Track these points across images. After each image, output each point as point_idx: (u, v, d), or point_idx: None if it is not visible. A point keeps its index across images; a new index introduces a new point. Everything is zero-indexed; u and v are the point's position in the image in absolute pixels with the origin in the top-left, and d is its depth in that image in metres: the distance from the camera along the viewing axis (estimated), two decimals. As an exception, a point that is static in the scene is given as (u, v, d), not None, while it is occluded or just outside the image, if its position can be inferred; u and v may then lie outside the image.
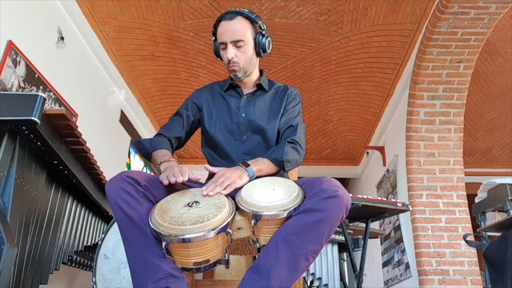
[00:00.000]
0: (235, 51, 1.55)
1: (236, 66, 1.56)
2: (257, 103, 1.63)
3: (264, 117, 1.59)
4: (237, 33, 1.54)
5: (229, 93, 1.68)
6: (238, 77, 1.60)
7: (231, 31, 1.55)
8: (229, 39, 1.54)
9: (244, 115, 1.60)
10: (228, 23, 1.56)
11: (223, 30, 1.56)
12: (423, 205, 3.89)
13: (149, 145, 1.54)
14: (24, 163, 1.38)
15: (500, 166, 5.98)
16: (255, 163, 1.40)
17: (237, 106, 1.62)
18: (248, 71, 1.61)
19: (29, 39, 2.88)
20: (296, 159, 1.49)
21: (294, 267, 1.15)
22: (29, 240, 1.47)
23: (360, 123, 5.60)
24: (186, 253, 1.15)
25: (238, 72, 1.58)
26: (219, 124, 1.60)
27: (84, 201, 2.02)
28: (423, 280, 3.67)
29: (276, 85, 1.71)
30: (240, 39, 1.54)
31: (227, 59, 1.56)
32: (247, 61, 1.58)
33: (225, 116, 1.61)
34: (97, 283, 1.79)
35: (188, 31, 4.23)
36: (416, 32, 3.89)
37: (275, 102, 1.64)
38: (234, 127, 1.59)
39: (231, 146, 1.57)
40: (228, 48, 1.55)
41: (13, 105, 1.26)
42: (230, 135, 1.58)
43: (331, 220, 1.18)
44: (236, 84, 1.67)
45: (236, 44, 1.54)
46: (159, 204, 1.21)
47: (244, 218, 1.23)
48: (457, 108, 4.02)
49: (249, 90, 1.67)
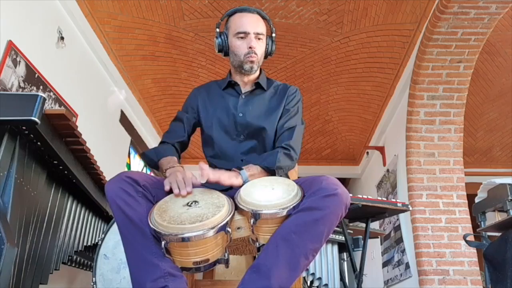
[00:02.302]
0: (256, 42, 1.56)
1: (255, 57, 1.56)
2: (255, 103, 1.60)
3: (262, 118, 1.57)
4: (260, 27, 1.57)
5: (227, 91, 1.65)
6: (254, 69, 1.58)
7: (255, 23, 1.57)
8: (253, 30, 1.55)
9: (241, 115, 1.57)
10: (250, 15, 1.58)
11: (245, 21, 1.57)
12: (423, 205, 3.89)
13: (154, 155, 1.54)
14: (24, 163, 1.38)
15: (500, 166, 5.98)
16: (248, 169, 1.40)
17: (235, 105, 1.60)
18: (259, 65, 1.62)
19: (29, 39, 2.89)
20: (288, 165, 1.49)
21: (294, 266, 1.16)
22: (29, 240, 1.47)
23: (360, 123, 5.60)
24: (186, 252, 1.15)
25: (256, 63, 1.57)
26: (216, 124, 1.58)
27: (84, 201, 2.02)
28: (423, 280, 3.67)
29: (275, 84, 1.69)
30: (262, 32, 1.57)
31: (247, 48, 1.54)
32: (261, 55, 1.60)
33: (222, 115, 1.59)
34: (97, 283, 1.79)
35: (188, 31, 4.23)
36: (416, 32, 3.89)
37: (274, 102, 1.62)
38: (231, 127, 1.57)
39: (229, 146, 1.56)
40: (250, 37, 1.54)
41: (13, 105, 1.26)
42: (227, 134, 1.57)
43: (331, 218, 1.18)
44: (235, 82, 1.64)
45: (258, 36, 1.56)
46: (158, 204, 1.21)
47: (243, 217, 1.23)
48: (457, 108, 4.02)
49: (248, 88, 1.64)
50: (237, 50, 1.57)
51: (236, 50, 1.57)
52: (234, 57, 1.59)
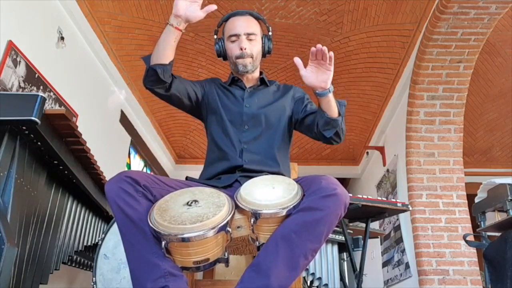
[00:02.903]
0: (248, 43, 1.59)
1: (248, 58, 1.60)
2: (260, 96, 1.65)
3: (268, 108, 1.61)
4: (250, 27, 1.61)
5: (232, 87, 1.70)
6: (248, 69, 1.62)
7: (245, 24, 1.61)
8: (243, 31, 1.59)
9: (248, 105, 1.61)
10: (241, 17, 1.63)
11: (236, 24, 1.61)
12: (423, 205, 3.89)
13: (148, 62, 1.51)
14: (24, 163, 1.38)
15: (500, 166, 5.98)
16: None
17: (241, 96, 1.64)
18: (255, 66, 1.64)
19: (29, 39, 2.89)
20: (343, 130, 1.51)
21: (293, 266, 1.16)
22: (29, 240, 1.47)
23: (360, 123, 5.60)
24: (186, 252, 1.15)
25: (249, 63, 1.61)
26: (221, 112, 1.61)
27: (84, 201, 2.03)
28: (423, 280, 3.68)
29: (276, 83, 1.75)
30: (253, 32, 1.61)
31: (239, 49, 1.59)
32: (256, 55, 1.63)
33: (229, 104, 1.63)
34: (97, 283, 1.79)
35: (188, 31, 4.23)
36: (416, 32, 3.89)
37: (278, 94, 1.68)
38: (237, 117, 1.60)
39: (232, 133, 1.58)
40: (241, 39, 1.59)
41: (13, 105, 1.26)
42: (231, 124, 1.59)
43: (330, 218, 1.18)
44: (238, 78, 1.68)
45: (249, 37, 1.60)
46: (158, 204, 1.21)
47: (243, 216, 1.23)
48: (457, 108, 4.02)
49: (252, 84, 1.69)
50: (231, 53, 1.63)
51: (230, 53, 1.63)
52: (230, 60, 1.66)
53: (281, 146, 1.60)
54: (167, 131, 5.79)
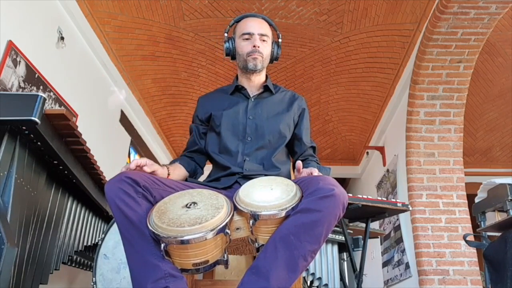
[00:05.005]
0: (260, 43, 1.63)
1: (260, 56, 1.62)
2: (264, 107, 1.66)
3: (271, 121, 1.62)
4: (264, 29, 1.66)
5: (235, 95, 1.70)
6: (257, 67, 1.64)
7: (259, 25, 1.65)
8: (257, 31, 1.64)
9: (251, 117, 1.62)
10: (255, 19, 1.68)
11: (250, 24, 1.65)
12: (423, 205, 3.89)
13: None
14: (24, 163, 1.38)
15: (500, 166, 5.98)
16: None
17: (245, 108, 1.65)
18: (264, 66, 1.67)
19: (29, 39, 2.89)
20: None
21: (293, 268, 1.15)
22: (29, 240, 1.47)
23: (360, 123, 5.60)
24: (185, 254, 1.14)
25: (259, 62, 1.63)
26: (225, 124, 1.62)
27: (84, 201, 2.02)
28: (423, 280, 3.68)
29: (281, 89, 1.76)
30: (267, 34, 1.66)
31: (251, 47, 1.62)
32: (266, 56, 1.66)
33: (232, 117, 1.63)
34: (97, 283, 1.79)
35: (188, 31, 4.23)
36: (416, 32, 3.89)
37: (282, 106, 1.69)
38: (240, 129, 1.61)
39: (234, 144, 1.59)
40: (254, 37, 1.63)
41: (13, 105, 1.26)
42: (234, 135, 1.60)
43: (329, 219, 1.18)
44: (241, 86, 1.69)
45: (262, 37, 1.64)
46: (157, 206, 1.21)
47: (242, 218, 1.23)
48: (457, 108, 4.02)
49: (255, 92, 1.69)
50: (242, 50, 1.64)
51: (241, 50, 1.65)
52: (239, 57, 1.67)
53: (282, 151, 1.63)
54: (167, 131, 5.80)
